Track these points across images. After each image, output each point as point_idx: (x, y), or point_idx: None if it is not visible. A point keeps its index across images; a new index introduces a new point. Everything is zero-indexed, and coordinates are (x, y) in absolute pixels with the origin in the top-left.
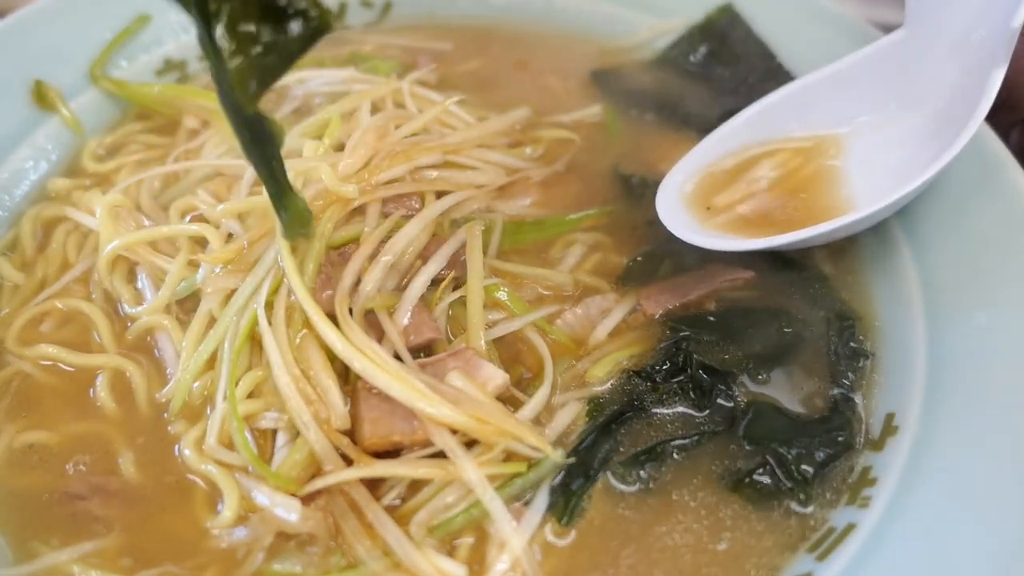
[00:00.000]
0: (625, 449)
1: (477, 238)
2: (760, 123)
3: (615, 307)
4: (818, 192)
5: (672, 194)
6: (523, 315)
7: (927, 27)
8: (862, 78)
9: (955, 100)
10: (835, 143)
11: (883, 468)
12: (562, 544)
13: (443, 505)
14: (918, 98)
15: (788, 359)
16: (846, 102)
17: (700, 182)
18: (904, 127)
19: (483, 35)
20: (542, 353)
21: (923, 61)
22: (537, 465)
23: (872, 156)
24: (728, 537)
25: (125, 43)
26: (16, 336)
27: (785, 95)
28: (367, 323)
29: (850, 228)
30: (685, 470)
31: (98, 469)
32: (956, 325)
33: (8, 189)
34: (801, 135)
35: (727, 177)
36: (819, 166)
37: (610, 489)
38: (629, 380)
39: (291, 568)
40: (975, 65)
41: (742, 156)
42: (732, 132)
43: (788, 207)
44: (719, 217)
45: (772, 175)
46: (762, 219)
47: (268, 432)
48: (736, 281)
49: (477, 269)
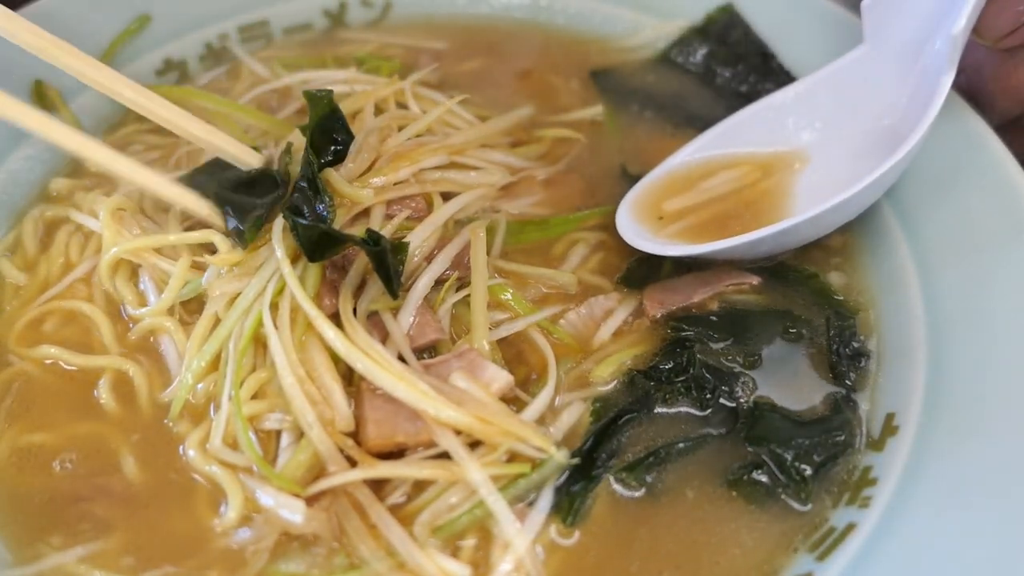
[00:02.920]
0: (629, 450)
1: (481, 239)
2: (724, 141)
3: (618, 307)
4: (773, 204)
5: (627, 205)
6: (527, 315)
7: (885, 41)
8: (826, 95)
9: (909, 111)
10: (798, 157)
11: (883, 468)
12: (566, 544)
13: (447, 506)
14: (877, 111)
15: (789, 360)
16: (809, 118)
17: (654, 193)
18: (862, 141)
19: (483, 34)
20: (545, 353)
21: (882, 74)
22: (541, 466)
23: (829, 170)
24: (729, 537)
25: (125, 43)
26: (18, 336)
27: (750, 113)
28: (371, 324)
29: (793, 234)
30: (687, 470)
31: (101, 470)
32: (956, 325)
33: (8, 189)
34: (762, 151)
35: (681, 187)
36: (778, 180)
37: (614, 490)
38: (633, 380)
39: (295, 569)
40: (927, 75)
41: (700, 168)
42: (696, 149)
43: (743, 217)
44: (672, 227)
45: (727, 185)
46: (715, 228)
47: (272, 433)
48: (742, 285)
49: (481, 270)
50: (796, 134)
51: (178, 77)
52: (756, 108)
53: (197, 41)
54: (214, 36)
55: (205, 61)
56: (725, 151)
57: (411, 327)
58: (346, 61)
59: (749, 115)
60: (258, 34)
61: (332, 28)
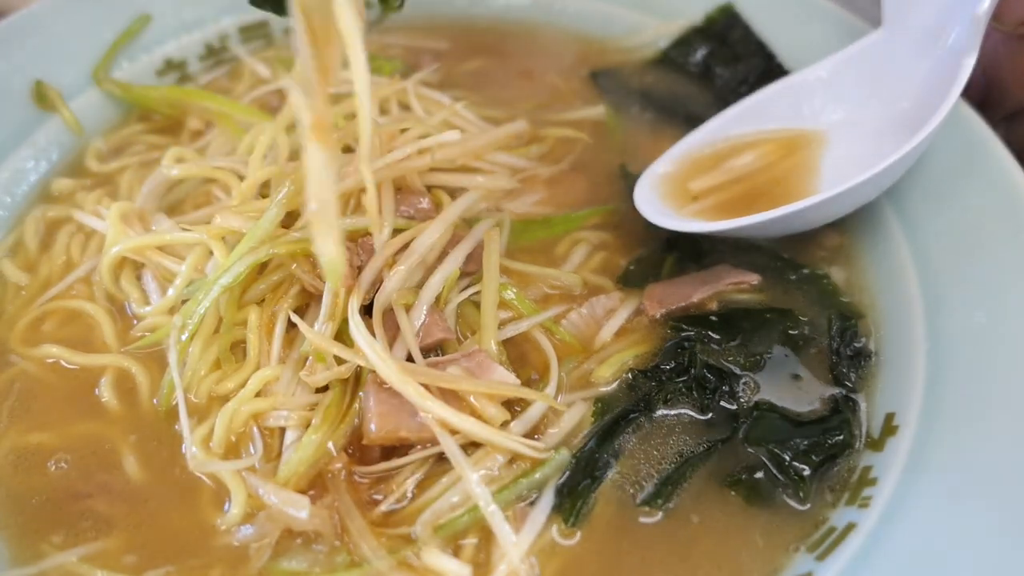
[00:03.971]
0: (630, 450)
1: (496, 241)
2: (747, 118)
3: (620, 307)
4: (794, 183)
5: (651, 182)
6: (531, 316)
7: (904, 23)
8: (846, 76)
9: (930, 92)
10: (817, 138)
11: (883, 468)
12: (567, 545)
13: (449, 505)
14: (897, 93)
15: (789, 360)
16: (830, 99)
17: (680, 171)
18: (883, 122)
19: (484, 34)
20: (548, 354)
21: (901, 57)
22: (542, 465)
23: (851, 150)
24: (729, 537)
25: (126, 44)
26: (20, 336)
27: (773, 92)
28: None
29: (811, 214)
30: (688, 471)
31: (102, 468)
32: (956, 325)
33: (9, 189)
34: (785, 128)
35: (707, 165)
36: (800, 158)
37: (615, 490)
38: (635, 380)
39: (297, 566)
40: (949, 57)
41: (725, 147)
42: (720, 127)
43: (765, 196)
44: (695, 205)
45: (752, 164)
46: (738, 207)
47: (276, 430)
48: (741, 285)
49: (494, 271)
50: (818, 114)
51: (178, 77)
52: (778, 87)
53: (197, 41)
54: (214, 36)
55: (205, 61)
56: (747, 129)
57: (420, 327)
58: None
59: (771, 94)
60: (258, 34)
61: None
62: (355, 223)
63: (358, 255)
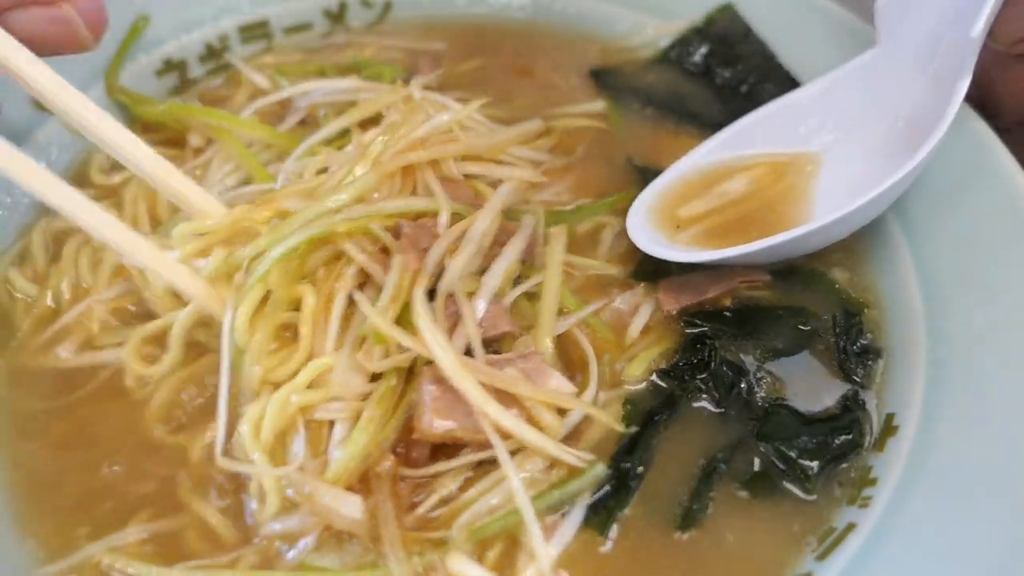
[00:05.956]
0: (658, 457)
1: (561, 239)
2: (739, 141)
3: (643, 302)
4: (792, 206)
5: (642, 210)
6: (576, 311)
7: (898, 43)
8: (839, 96)
9: (925, 113)
10: (811, 160)
11: (883, 468)
12: (595, 555)
13: (488, 508)
14: (891, 113)
15: (802, 356)
16: (823, 120)
17: (669, 198)
18: (877, 143)
19: (483, 34)
20: (587, 352)
21: (895, 77)
22: (580, 476)
23: (845, 172)
24: (729, 536)
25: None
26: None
27: (763, 114)
28: None
29: (807, 240)
30: (715, 480)
31: (134, 462)
32: (957, 327)
33: (9, 189)
34: (777, 152)
35: (697, 191)
36: (792, 182)
37: (644, 502)
38: (660, 378)
39: (329, 563)
40: (943, 77)
41: (716, 171)
42: (708, 152)
43: (758, 222)
44: (687, 231)
45: (743, 189)
46: (735, 232)
47: (324, 424)
48: (754, 282)
49: (556, 270)
50: (811, 135)
51: (178, 77)
52: (769, 109)
53: (197, 41)
54: (214, 36)
55: (205, 61)
56: (739, 153)
57: (483, 318)
58: (346, 68)
59: (762, 116)
60: (258, 34)
61: (332, 29)
62: (409, 204)
63: (422, 238)
